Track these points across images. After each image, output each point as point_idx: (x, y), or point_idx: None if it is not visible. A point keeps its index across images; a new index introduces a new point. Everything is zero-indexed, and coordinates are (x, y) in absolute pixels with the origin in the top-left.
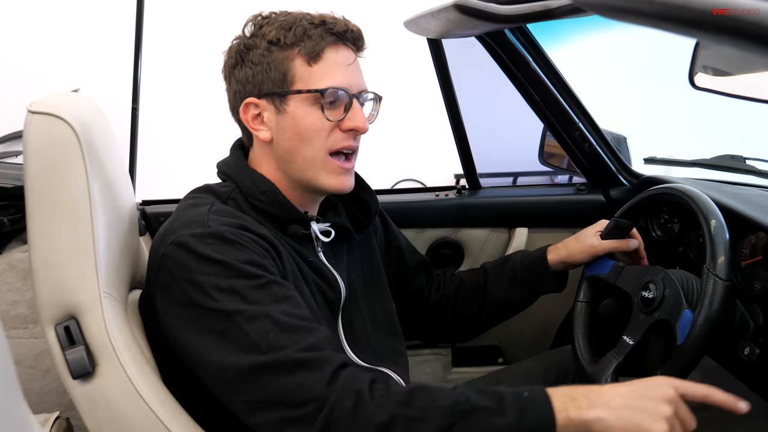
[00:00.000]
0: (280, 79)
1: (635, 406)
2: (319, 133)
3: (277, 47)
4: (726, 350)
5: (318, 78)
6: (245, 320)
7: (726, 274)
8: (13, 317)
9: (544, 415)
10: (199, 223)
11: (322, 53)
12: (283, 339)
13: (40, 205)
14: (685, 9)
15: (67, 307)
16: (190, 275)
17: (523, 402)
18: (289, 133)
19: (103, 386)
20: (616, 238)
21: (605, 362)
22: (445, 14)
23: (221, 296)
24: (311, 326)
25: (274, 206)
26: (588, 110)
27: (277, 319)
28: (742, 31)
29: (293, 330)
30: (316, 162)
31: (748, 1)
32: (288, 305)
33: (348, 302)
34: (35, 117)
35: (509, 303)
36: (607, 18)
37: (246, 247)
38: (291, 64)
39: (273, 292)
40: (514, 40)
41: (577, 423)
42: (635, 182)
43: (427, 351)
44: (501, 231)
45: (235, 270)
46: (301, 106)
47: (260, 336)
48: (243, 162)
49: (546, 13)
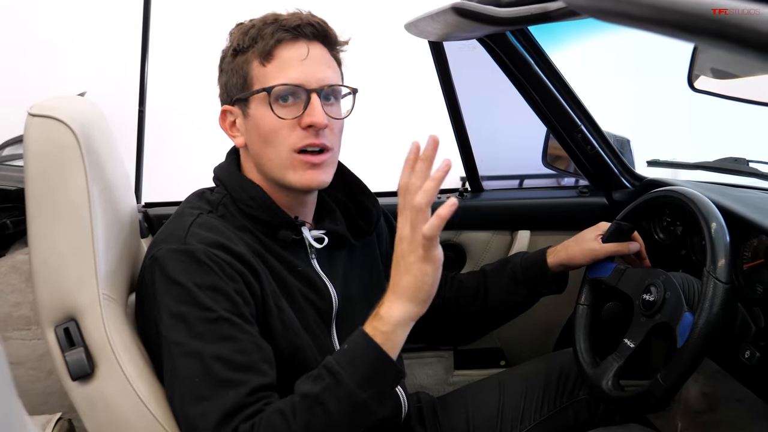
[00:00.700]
0: (242, 84)
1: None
2: (278, 132)
3: (238, 52)
4: (727, 353)
5: (271, 77)
6: (180, 354)
7: (726, 276)
8: (16, 319)
9: (368, 351)
10: (177, 237)
11: (274, 51)
12: (204, 390)
13: (40, 207)
14: (671, 12)
15: (67, 308)
16: (156, 293)
17: (347, 355)
18: (254, 136)
19: (102, 387)
20: (617, 241)
21: (606, 365)
22: (444, 17)
23: (170, 321)
24: (240, 378)
25: (263, 211)
26: (590, 112)
27: (208, 366)
28: (727, 35)
29: (218, 384)
30: (281, 161)
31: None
32: (229, 348)
33: (342, 310)
34: (35, 120)
35: (509, 304)
36: (599, 20)
37: (213, 271)
38: (249, 67)
39: (220, 329)
40: (515, 42)
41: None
42: (638, 185)
43: (428, 354)
44: (503, 234)
45: (191, 296)
46: (259, 107)
47: (186, 375)
48: (234, 168)
49: (543, 15)
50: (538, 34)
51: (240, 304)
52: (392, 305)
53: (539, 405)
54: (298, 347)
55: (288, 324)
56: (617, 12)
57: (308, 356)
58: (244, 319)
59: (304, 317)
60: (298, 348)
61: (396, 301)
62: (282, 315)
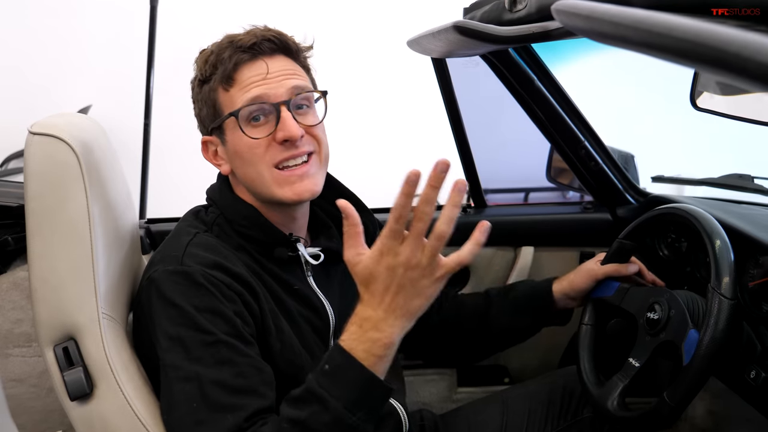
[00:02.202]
0: (212, 113)
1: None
2: (255, 152)
3: (204, 82)
4: (733, 373)
5: (236, 100)
6: (177, 378)
7: (731, 293)
8: (17, 335)
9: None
10: (174, 258)
11: (234, 74)
12: (201, 413)
13: (40, 225)
14: (668, 38)
15: (66, 328)
16: (153, 315)
17: (333, 377)
18: (236, 161)
19: (100, 408)
20: (619, 259)
21: (611, 385)
22: (446, 35)
23: (167, 344)
24: (239, 403)
25: (257, 230)
26: (594, 128)
27: (206, 391)
28: (727, 63)
29: (217, 408)
30: (266, 179)
31: (744, 33)
32: (228, 372)
33: (339, 328)
34: (36, 138)
35: (511, 331)
36: (598, 42)
37: (211, 293)
38: (215, 95)
39: (218, 353)
40: (518, 58)
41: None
42: (642, 201)
43: (431, 371)
44: (506, 250)
45: (189, 319)
46: (233, 132)
47: (183, 400)
48: (226, 189)
49: (544, 34)
50: (541, 50)
51: (239, 326)
52: (394, 329)
53: (542, 424)
54: (300, 366)
55: (287, 343)
56: (615, 36)
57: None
58: (243, 340)
59: (303, 337)
60: (300, 367)
61: (397, 323)
62: (281, 335)
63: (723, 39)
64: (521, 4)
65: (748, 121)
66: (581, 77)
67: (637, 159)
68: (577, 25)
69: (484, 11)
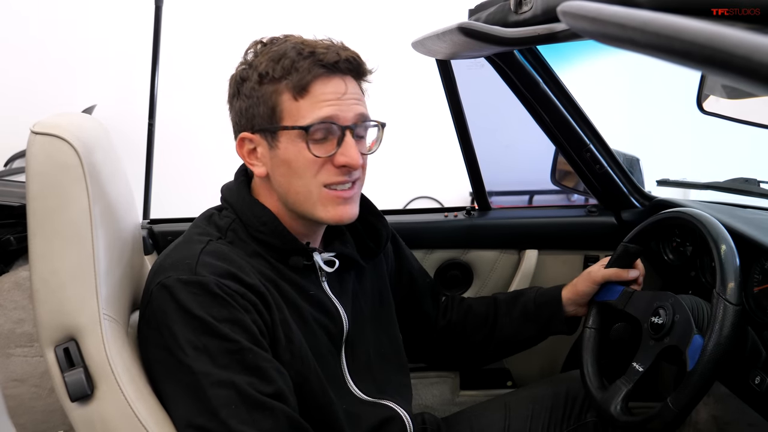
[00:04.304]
0: (269, 115)
1: None
2: (309, 167)
3: (267, 81)
4: (737, 378)
5: (305, 112)
6: (210, 384)
7: (737, 298)
8: (18, 335)
9: None
10: (187, 267)
11: (309, 87)
12: (243, 414)
13: (42, 226)
14: (677, 40)
15: (67, 328)
16: (169, 323)
17: None
18: (282, 169)
19: (101, 409)
20: (623, 262)
21: (615, 389)
22: (451, 36)
23: (192, 353)
24: (274, 406)
25: (275, 237)
26: (599, 131)
27: (243, 391)
28: (736, 67)
29: (255, 407)
30: (312, 196)
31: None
32: (256, 377)
33: (352, 334)
34: (38, 138)
35: (518, 339)
36: (605, 44)
37: (229, 303)
38: (279, 99)
39: (244, 360)
40: (523, 60)
41: None
42: (647, 204)
43: (434, 374)
44: (510, 253)
45: (211, 329)
46: (292, 142)
47: (222, 404)
48: (244, 190)
49: (550, 36)
50: (546, 52)
51: (256, 334)
52: None
53: (546, 428)
54: (306, 377)
55: (296, 354)
56: (623, 38)
57: (314, 387)
58: (263, 347)
59: (316, 342)
60: (306, 379)
61: None
62: (290, 346)
63: (733, 42)
64: (527, 5)
65: (755, 124)
66: (586, 80)
67: (643, 162)
68: (583, 27)
69: (490, 13)
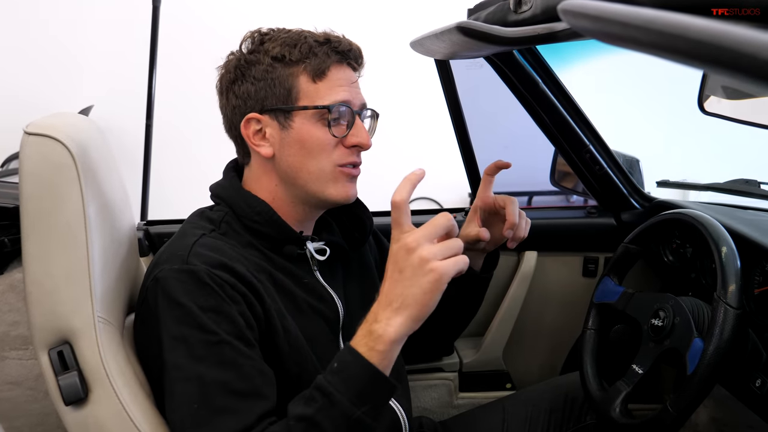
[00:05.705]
0: (284, 95)
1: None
2: (325, 147)
3: (282, 63)
4: (738, 381)
5: (323, 95)
6: (178, 378)
7: (737, 302)
8: (13, 338)
9: (362, 371)
10: (179, 258)
11: (327, 71)
12: (202, 416)
13: (35, 227)
14: (681, 39)
15: (61, 331)
16: (158, 314)
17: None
18: (295, 149)
19: (95, 412)
20: (625, 264)
21: (614, 391)
22: (449, 36)
23: (169, 344)
24: (240, 406)
25: (269, 227)
26: (599, 132)
27: (207, 392)
28: (742, 66)
29: (216, 411)
30: (324, 174)
31: (760, 34)
32: (231, 374)
33: (347, 320)
34: (31, 138)
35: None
36: (606, 44)
37: (216, 293)
38: (296, 81)
39: (221, 353)
40: (522, 60)
41: (388, 348)
42: (647, 206)
43: (433, 376)
44: (510, 254)
45: (192, 318)
46: (307, 122)
47: (184, 401)
48: (237, 184)
49: (550, 35)
50: (546, 53)
51: (242, 327)
52: (390, 321)
53: (544, 431)
54: (304, 367)
55: (293, 344)
56: (625, 37)
57: (312, 376)
58: (245, 342)
59: (314, 330)
60: (303, 368)
61: (394, 317)
62: (288, 335)
63: (739, 40)
64: (526, 4)
65: (756, 125)
66: (586, 80)
67: (643, 163)
68: (584, 26)
69: (489, 12)
